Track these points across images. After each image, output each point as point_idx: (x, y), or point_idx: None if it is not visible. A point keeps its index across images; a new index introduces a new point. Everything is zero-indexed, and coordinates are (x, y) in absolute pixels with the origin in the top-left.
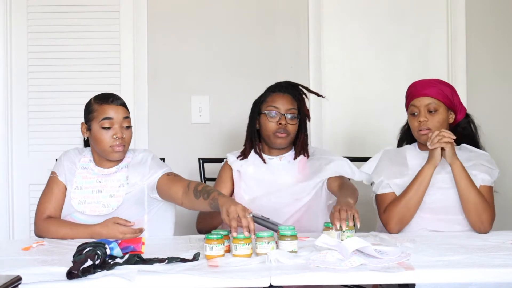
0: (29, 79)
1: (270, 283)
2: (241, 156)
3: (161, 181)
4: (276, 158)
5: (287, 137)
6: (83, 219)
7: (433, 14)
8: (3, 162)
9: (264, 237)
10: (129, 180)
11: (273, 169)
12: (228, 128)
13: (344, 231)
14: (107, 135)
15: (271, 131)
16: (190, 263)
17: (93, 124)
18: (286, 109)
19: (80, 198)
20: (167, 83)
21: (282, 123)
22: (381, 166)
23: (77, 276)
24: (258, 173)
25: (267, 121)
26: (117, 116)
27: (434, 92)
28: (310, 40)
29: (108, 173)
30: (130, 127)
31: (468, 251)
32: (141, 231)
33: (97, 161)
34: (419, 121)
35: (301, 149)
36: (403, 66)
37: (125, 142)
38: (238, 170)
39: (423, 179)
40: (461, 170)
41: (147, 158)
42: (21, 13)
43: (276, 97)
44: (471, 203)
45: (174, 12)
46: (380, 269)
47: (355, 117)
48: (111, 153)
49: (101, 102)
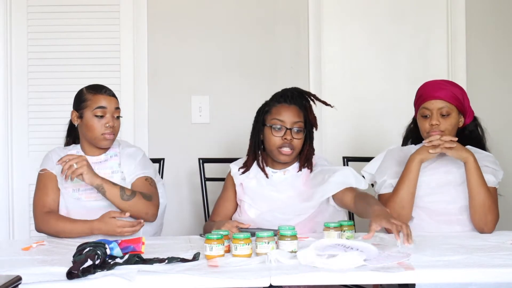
0: (29, 79)
1: (270, 283)
2: (244, 168)
3: (136, 183)
4: (280, 172)
5: (292, 153)
6: (79, 208)
7: (433, 14)
8: (3, 162)
9: (264, 237)
10: (121, 167)
11: (276, 184)
12: (228, 128)
13: (344, 231)
14: (99, 123)
15: (275, 146)
16: (190, 263)
17: (86, 112)
18: (292, 123)
19: (73, 187)
20: (167, 83)
21: (288, 138)
22: (384, 166)
23: (77, 276)
24: (261, 188)
25: (271, 135)
26: (110, 106)
27: (447, 95)
28: (310, 40)
29: (98, 161)
30: (120, 117)
31: (468, 251)
32: (141, 225)
33: (86, 150)
34: (431, 124)
35: (305, 162)
36: (403, 66)
37: (115, 131)
38: (241, 183)
39: (411, 176)
40: (475, 167)
41: (138, 155)
42: (21, 13)
43: (282, 108)
44: (480, 202)
45: (174, 12)
46: (380, 269)
47: (355, 117)
48: (101, 140)
49: (95, 92)
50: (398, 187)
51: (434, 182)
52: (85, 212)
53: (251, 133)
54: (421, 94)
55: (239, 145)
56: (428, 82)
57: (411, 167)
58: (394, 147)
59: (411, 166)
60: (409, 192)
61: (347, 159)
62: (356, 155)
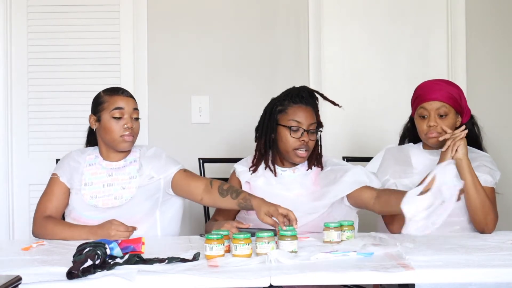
0: (29, 79)
1: (270, 283)
2: (254, 167)
3: (178, 177)
4: (290, 170)
5: (307, 153)
6: (95, 217)
7: (433, 14)
8: (3, 162)
9: (264, 237)
10: (141, 171)
11: (286, 182)
12: (228, 128)
13: (344, 231)
14: (117, 125)
15: (292, 147)
16: (190, 263)
17: (103, 115)
18: (308, 124)
19: (91, 194)
20: (167, 83)
21: (305, 140)
22: (385, 165)
23: (77, 276)
24: (269, 187)
25: (288, 136)
26: (128, 107)
27: (445, 96)
28: (310, 40)
29: (117, 167)
30: (139, 118)
31: (468, 251)
32: (134, 229)
33: (104, 155)
34: (429, 126)
35: (315, 160)
36: (403, 66)
37: (134, 133)
38: (247, 181)
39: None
40: (469, 167)
41: (161, 154)
42: (21, 13)
43: (299, 110)
44: (479, 202)
45: (174, 12)
46: (380, 269)
47: (355, 117)
48: (120, 143)
49: (112, 93)
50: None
51: None
52: (101, 220)
53: (260, 131)
54: (418, 94)
55: (239, 145)
56: (426, 82)
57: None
58: (392, 145)
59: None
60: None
61: (347, 159)
62: (356, 155)
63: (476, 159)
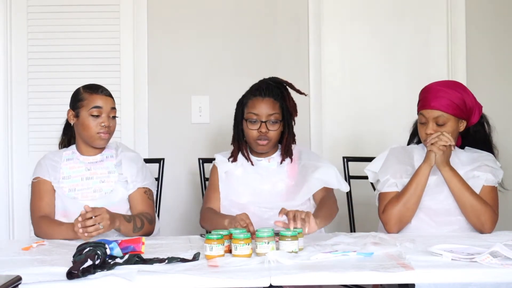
0: (29, 79)
1: (270, 283)
2: (232, 158)
3: (136, 195)
4: (265, 159)
5: (268, 143)
6: (76, 209)
7: (433, 14)
8: (3, 161)
9: (264, 237)
10: (120, 169)
11: (262, 172)
12: (228, 128)
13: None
14: (95, 122)
15: (252, 138)
16: (190, 263)
17: (82, 112)
18: (266, 115)
19: (69, 187)
20: (167, 83)
21: (263, 131)
22: (387, 165)
23: (77, 276)
24: (246, 176)
25: (247, 128)
26: (106, 106)
27: (443, 105)
28: (310, 40)
29: (94, 161)
30: (116, 117)
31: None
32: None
33: (81, 150)
34: (426, 133)
35: (285, 152)
36: (403, 66)
37: (111, 131)
38: (225, 171)
39: (420, 179)
40: (451, 175)
41: (139, 160)
42: (21, 13)
43: (256, 102)
44: (468, 205)
45: (174, 12)
46: (380, 269)
47: (355, 117)
48: (97, 140)
49: (91, 91)
50: (406, 189)
51: (433, 182)
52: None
53: (234, 124)
54: (421, 98)
55: None
56: (429, 86)
57: (421, 171)
58: (397, 146)
59: (421, 171)
60: (415, 195)
61: (347, 159)
62: (356, 155)
63: (478, 159)
